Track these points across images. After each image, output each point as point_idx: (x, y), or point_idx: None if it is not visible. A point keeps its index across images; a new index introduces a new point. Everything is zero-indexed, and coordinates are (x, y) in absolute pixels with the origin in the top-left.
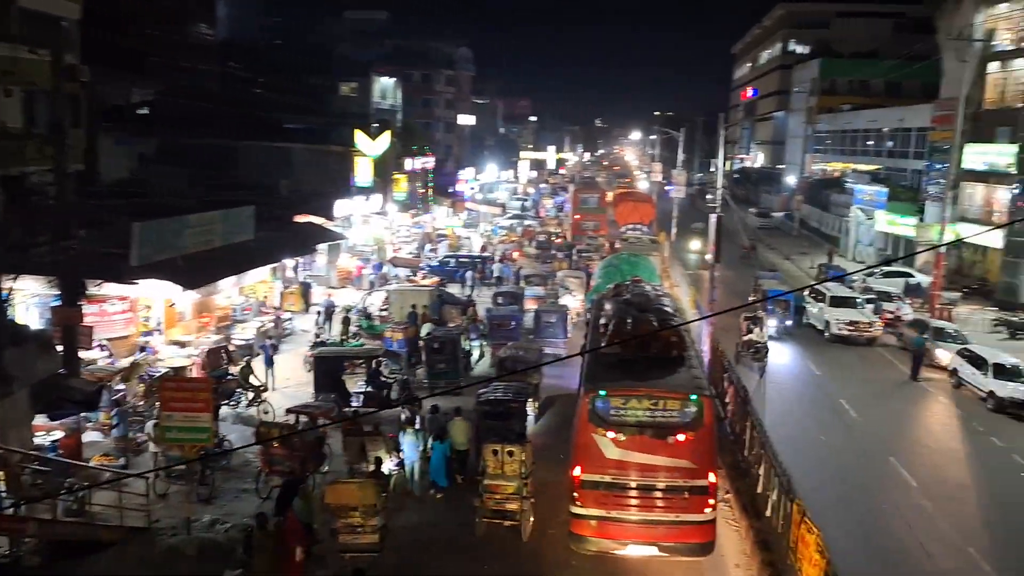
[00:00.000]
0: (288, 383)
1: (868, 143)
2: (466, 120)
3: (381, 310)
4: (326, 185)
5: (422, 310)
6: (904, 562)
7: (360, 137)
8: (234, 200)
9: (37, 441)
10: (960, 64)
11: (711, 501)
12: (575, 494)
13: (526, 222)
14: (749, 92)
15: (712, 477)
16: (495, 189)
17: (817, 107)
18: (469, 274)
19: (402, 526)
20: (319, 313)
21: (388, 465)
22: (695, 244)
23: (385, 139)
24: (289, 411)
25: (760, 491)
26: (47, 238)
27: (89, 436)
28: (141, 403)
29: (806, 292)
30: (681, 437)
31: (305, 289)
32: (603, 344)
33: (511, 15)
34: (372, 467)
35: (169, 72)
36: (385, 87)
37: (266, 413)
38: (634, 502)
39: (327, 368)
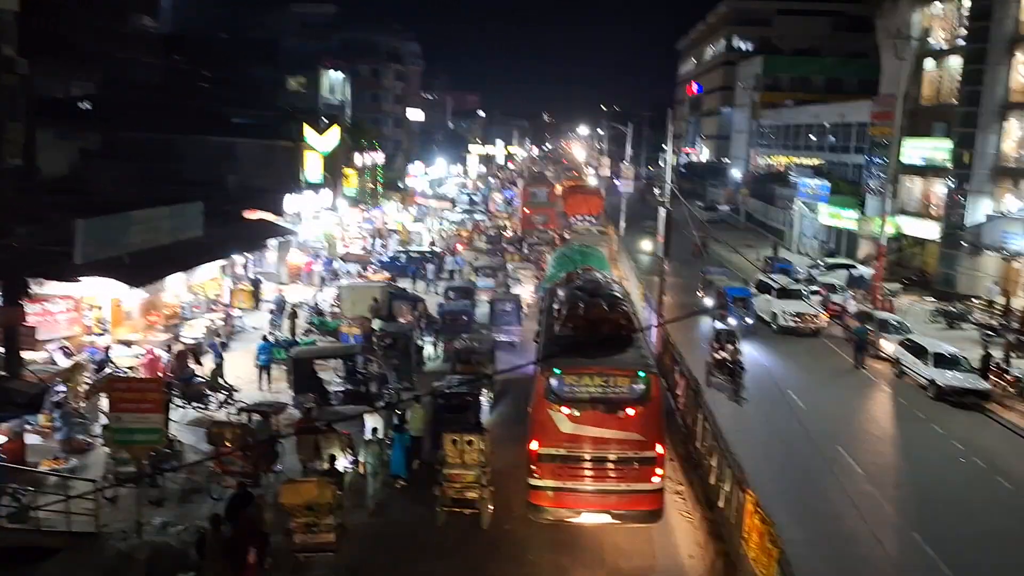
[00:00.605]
0: (239, 381)
1: (811, 138)
2: (415, 115)
3: (332, 306)
4: (275, 181)
5: (373, 304)
6: (854, 548)
7: (309, 132)
8: (181, 196)
9: None
10: (897, 61)
11: (659, 471)
12: (532, 467)
13: (476, 216)
14: (694, 87)
15: (659, 448)
16: (444, 184)
17: (761, 102)
18: (431, 267)
19: (361, 522)
20: (271, 311)
21: (342, 463)
22: (646, 244)
23: (334, 134)
24: (241, 410)
25: (713, 482)
26: None
27: (30, 439)
28: (83, 404)
29: (752, 285)
30: (631, 411)
31: (255, 286)
32: (557, 328)
33: (458, 9)
34: (326, 465)
35: (111, 65)
36: (334, 82)
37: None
38: (588, 473)
39: (304, 368)
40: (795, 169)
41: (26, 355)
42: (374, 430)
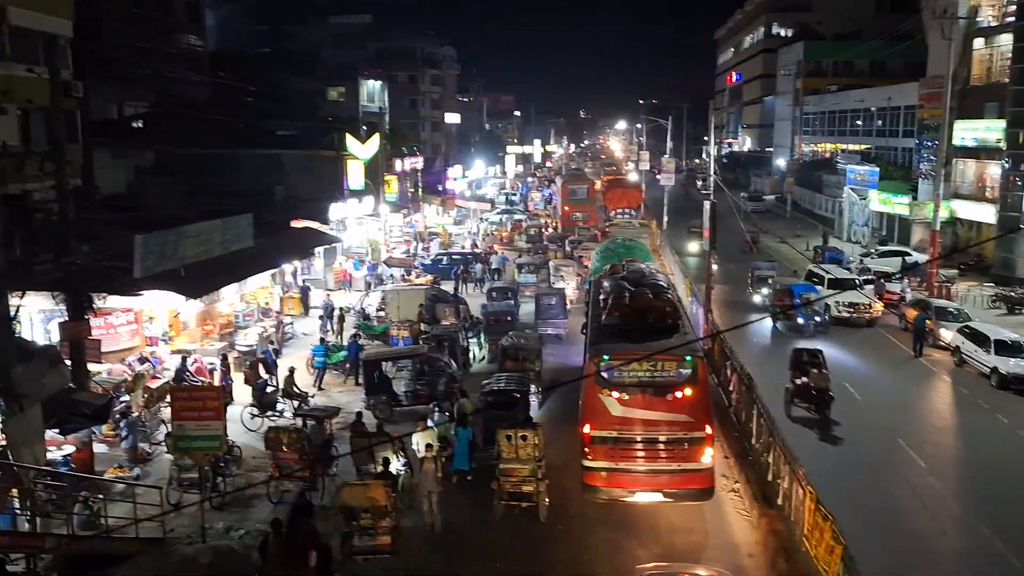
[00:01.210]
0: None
1: (856, 123)
2: (452, 118)
3: (378, 311)
4: (319, 190)
5: (418, 309)
6: (920, 543)
7: (350, 141)
8: (232, 208)
9: (50, 456)
10: (945, 42)
11: (709, 450)
12: (586, 449)
13: (515, 216)
14: (734, 77)
15: (708, 429)
16: (483, 185)
17: (803, 89)
18: (479, 267)
19: (417, 523)
20: (321, 317)
21: (395, 465)
22: (693, 246)
23: (375, 142)
24: (296, 414)
25: (771, 479)
26: (51, 254)
27: (97, 448)
28: (145, 413)
29: (804, 276)
30: (679, 394)
31: (304, 293)
32: (604, 317)
33: (490, 11)
34: (380, 468)
35: (161, 84)
36: (372, 90)
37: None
38: (639, 454)
39: (374, 370)
40: (841, 156)
41: (91, 367)
42: (428, 446)
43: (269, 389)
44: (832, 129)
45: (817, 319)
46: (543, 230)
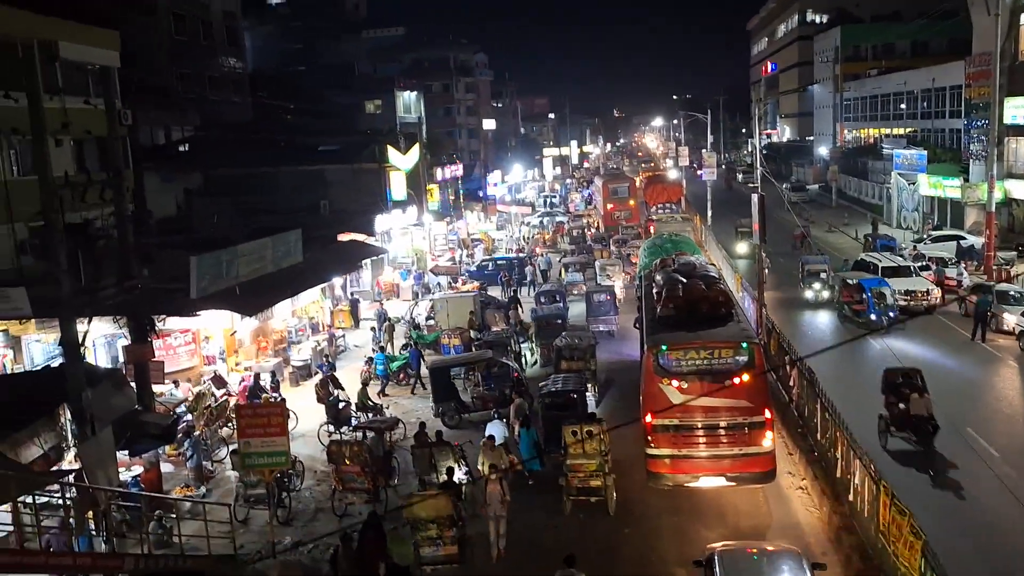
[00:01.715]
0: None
1: (900, 106)
2: (488, 124)
3: (428, 319)
4: (363, 202)
5: (469, 316)
6: (999, 536)
7: (392, 152)
8: (279, 225)
9: (121, 477)
10: (990, 17)
11: (769, 434)
12: (648, 438)
13: (557, 218)
14: (769, 67)
15: (767, 413)
16: (522, 189)
17: (842, 75)
18: (528, 270)
19: (483, 532)
20: (373, 328)
21: (458, 475)
22: (741, 247)
23: (415, 152)
24: (356, 428)
25: (840, 475)
26: (113, 279)
27: (163, 468)
28: (205, 431)
29: (850, 263)
30: (737, 380)
31: (353, 306)
32: (659, 309)
33: (519, 13)
34: (444, 478)
35: (205, 107)
36: (408, 101)
37: (391, 430)
38: (701, 440)
39: (441, 377)
40: (886, 140)
41: (155, 388)
42: (491, 467)
43: (341, 404)
44: (874, 114)
45: (891, 313)
46: (586, 230)
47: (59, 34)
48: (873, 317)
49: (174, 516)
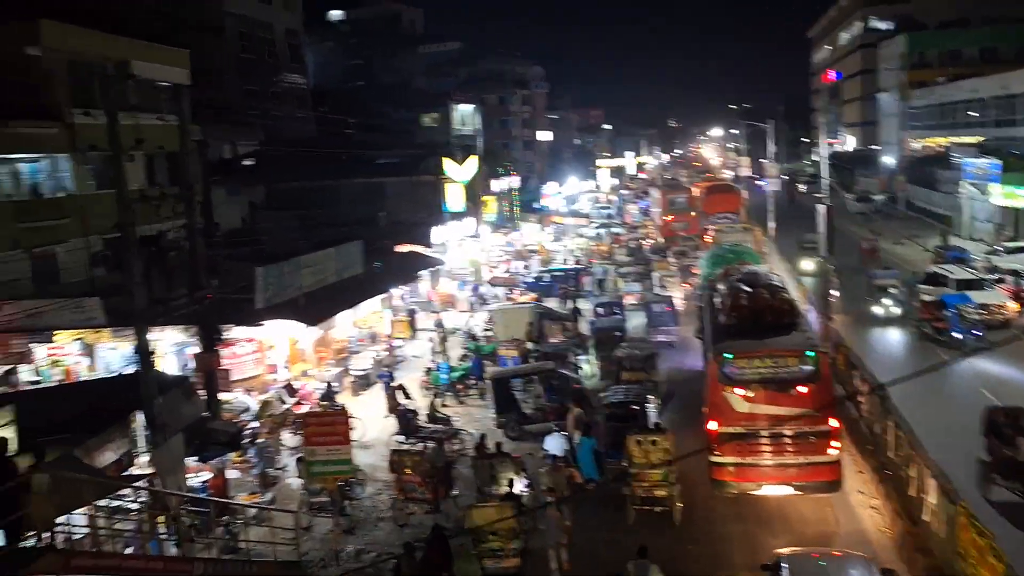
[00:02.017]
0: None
1: (970, 114)
2: (543, 136)
3: (485, 330)
4: (420, 214)
5: (527, 327)
6: None
7: (448, 164)
8: (340, 237)
9: (189, 483)
10: None
11: (835, 443)
12: (713, 445)
13: (613, 229)
14: (831, 75)
15: (833, 422)
16: (577, 200)
17: (909, 83)
18: (587, 280)
19: (545, 545)
20: (431, 340)
21: (519, 487)
22: (807, 264)
23: (472, 164)
24: (418, 437)
25: (913, 494)
26: (184, 290)
27: (229, 474)
28: (270, 439)
29: (920, 276)
30: (802, 389)
31: (411, 316)
32: (723, 318)
33: (575, 24)
34: (505, 489)
35: (269, 123)
36: (464, 114)
37: (461, 442)
38: (766, 448)
39: (503, 387)
40: (956, 149)
41: (222, 396)
42: (550, 490)
43: (410, 414)
44: (943, 122)
45: (976, 332)
46: (642, 242)
47: (133, 53)
48: (958, 336)
49: (240, 522)
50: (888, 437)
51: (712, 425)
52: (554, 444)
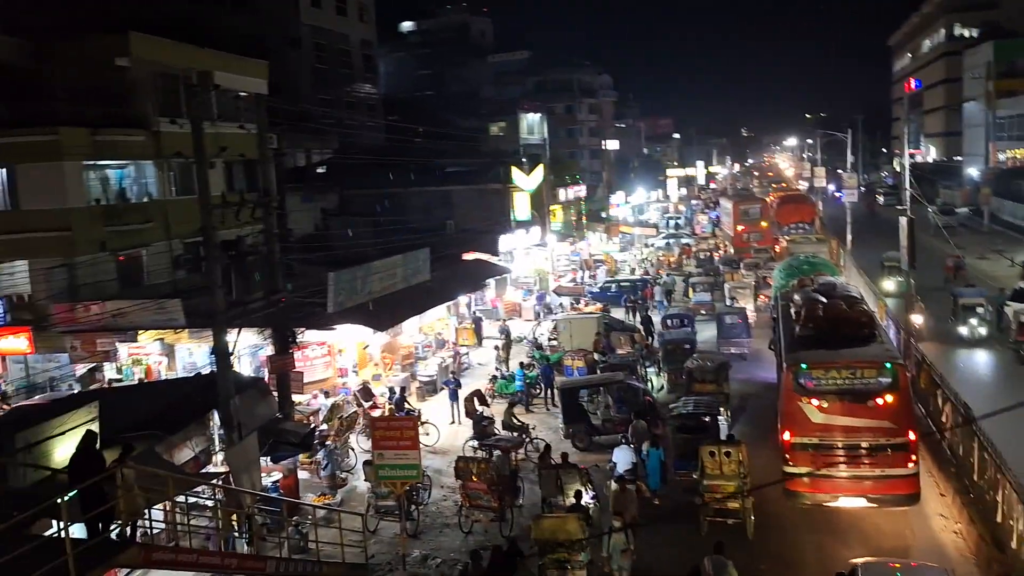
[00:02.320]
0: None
1: None
2: (611, 145)
3: (550, 340)
4: (487, 222)
5: (595, 337)
6: None
7: (516, 173)
8: (409, 244)
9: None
10: None
11: (913, 456)
12: (787, 456)
13: (683, 240)
14: (912, 84)
15: (911, 435)
16: (645, 210)
17: (995, 91)
18: (658, 289)
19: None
20: (497, 347)
21: (586, 498)
22: (889, 284)
23: (539, 173)
24: (482, 445)
25: (1001, 520)
26: (261, 293)
27: (300, 475)
28: (336, 441)
29: (1007, 293)
30: (879, 401)
31: (477, 324)
32: (798, 329)
33: (646, 31)
34: (572, 500)
35: (342, 131)
36: (531, 123)
37: (536, 451)
38: (841, 460)
39: (571, 398)
40: None
41: (295, 397)
42: (617, 515)
43: (485, 421)
44: None
45: None
46: (713, 253)
47: (215, 64)
48: None
49: (310, 522)
50: (973, 459)
51: (786, 435)
52: (622, 456)
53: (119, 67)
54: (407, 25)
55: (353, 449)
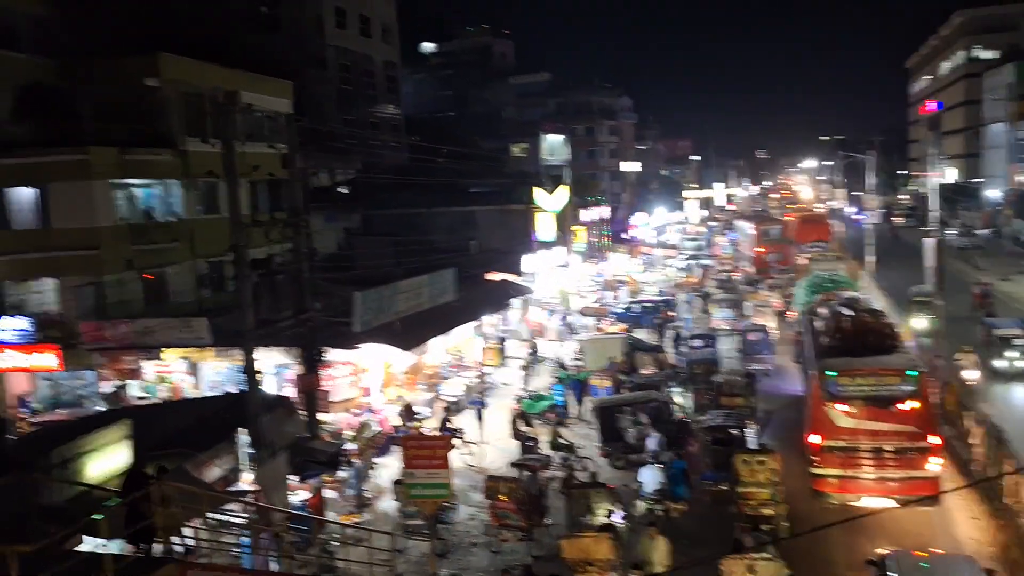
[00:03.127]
0: (500, 437)
1: None
2: (631, 167)
3: (574, 360)
4: (511, 242)
5: (621, 358)
6: None
7: (539, 194)
8: (432, 264)
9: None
10: None
11: (935, 459)
12: (815, 458)
13: (703, 261)
14: (931, 105)
15: (934, 439)
16: (664, 231)
17: (1017, 113)
18: (684, 306)
19: None
20: (525, 367)
21: (616, 517)
22: (919, 322)
23: (562, 193)
24: (513, 465)
25: None
26: (289, 312)
27: (325, 493)
28: (361, 460)
29: None
30: (903, 406)
31: (501, 344)
32: (826, 340)
33: (665, 55)
34: (602, 520)
35: (365, 151)
36: (553, 144)
37: (584, 470)
38: (867, 462)
39: (608, 416)
40: None
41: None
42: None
43: (529, 442)
44: None
45: None
46: (731, 274)
47: (242, 84)
48: None
49: (338, 542)
50: (1005, 483)
51: (814, 439)
52: (649, 476)
53: (148, 87)
54: (428, 47)
55: (376, 467)
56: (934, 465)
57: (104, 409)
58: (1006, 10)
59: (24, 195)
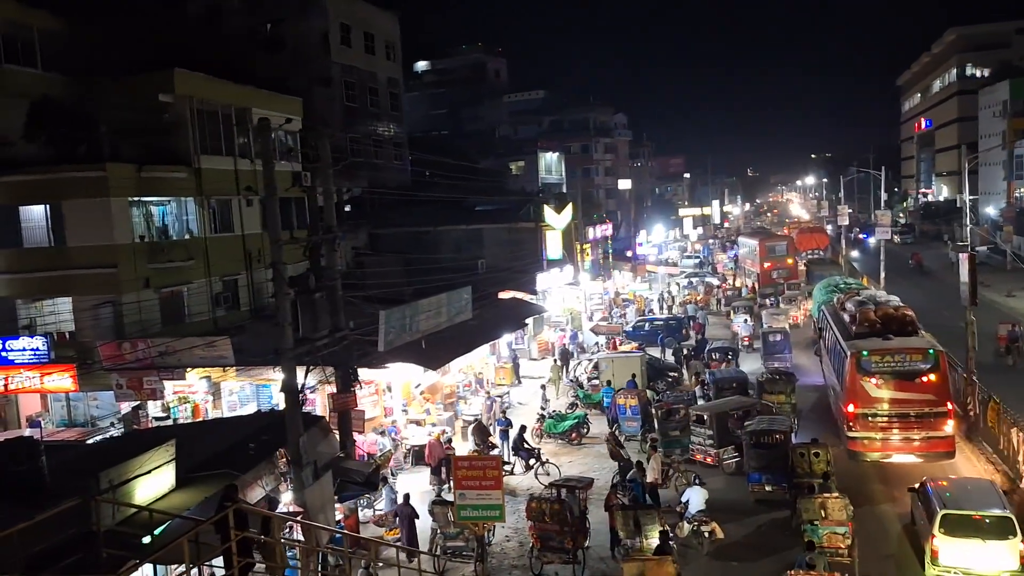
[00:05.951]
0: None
1: None
2: (624, 184)
3: (590, 379)
4: (519, 261)
5: (642, 376)
6: None
7: (547, 211)
8: (443, 283)
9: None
10: None
11: (950, 422)
12: (850, 423)
13: (706, 279)
14: (922, 123)
15: (949, 405)
16: (663, 249)
17: (1013, 130)
18: (698, 321)
19: None
20: (543, 386)
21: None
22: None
23: (569, 211)
24: (551, 485)
25: None
26: (326, 330)
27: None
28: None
29: None
30: (924, 379)
31: (514, 363)
32: (854, 328)
33: (657, 73)
34: (653, 542)
35: (371, 170)
36: (549, 162)
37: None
38: (894, 425)
39: (722, 423)
40: None
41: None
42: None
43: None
44: None
45: None
46: (729, 292)
47: (253, 101)
48: None
49: (379, 562)
50: None
51: (850, 408)
52: (695, 496)
53: (162, 103)
54: (422, 65)
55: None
56: (949, 426)
57: (139, 429)
58: (997, 28)
59: (37, 213)
